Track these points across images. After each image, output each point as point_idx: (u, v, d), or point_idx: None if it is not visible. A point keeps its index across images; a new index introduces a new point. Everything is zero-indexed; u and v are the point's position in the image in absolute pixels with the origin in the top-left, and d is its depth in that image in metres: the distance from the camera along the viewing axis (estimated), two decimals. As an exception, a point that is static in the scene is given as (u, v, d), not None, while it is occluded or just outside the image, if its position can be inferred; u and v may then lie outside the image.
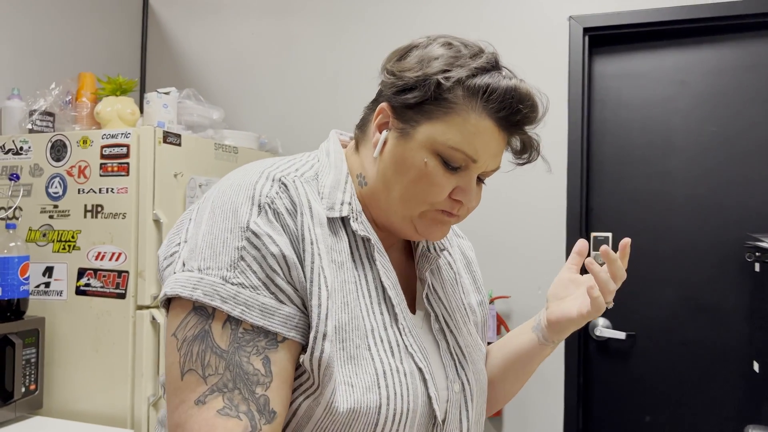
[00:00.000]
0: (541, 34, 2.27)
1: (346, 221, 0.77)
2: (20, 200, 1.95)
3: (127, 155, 1.83)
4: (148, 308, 1.83)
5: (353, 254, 0.77)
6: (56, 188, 1.92)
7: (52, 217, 1.92)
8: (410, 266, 0.89)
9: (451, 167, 0.74)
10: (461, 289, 0.94)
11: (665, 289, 2.19)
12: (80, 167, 1.89)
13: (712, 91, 2.16)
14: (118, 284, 1.83)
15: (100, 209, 1.86)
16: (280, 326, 0.68)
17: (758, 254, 2.01)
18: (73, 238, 1.89)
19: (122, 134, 1.84)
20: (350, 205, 0.77)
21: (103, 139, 1.86)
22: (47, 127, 2.02)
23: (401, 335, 0.76)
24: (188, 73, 2.78)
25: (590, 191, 2.29)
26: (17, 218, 1.95)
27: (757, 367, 2.05)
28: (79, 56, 2.48)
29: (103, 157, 1.86)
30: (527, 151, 0.79)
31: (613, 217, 2.26)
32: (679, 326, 2.17)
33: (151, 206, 1.83)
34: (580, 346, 2.21)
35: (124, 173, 1.83)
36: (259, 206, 0.70)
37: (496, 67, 0.75)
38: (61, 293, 1.90)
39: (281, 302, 0.68)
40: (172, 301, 0.70)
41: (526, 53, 2.28)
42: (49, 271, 1.92)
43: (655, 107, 2.22)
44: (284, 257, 0.68)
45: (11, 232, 1.84)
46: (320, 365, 0.68)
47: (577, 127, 2.21)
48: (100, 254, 1.85)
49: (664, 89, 2.21)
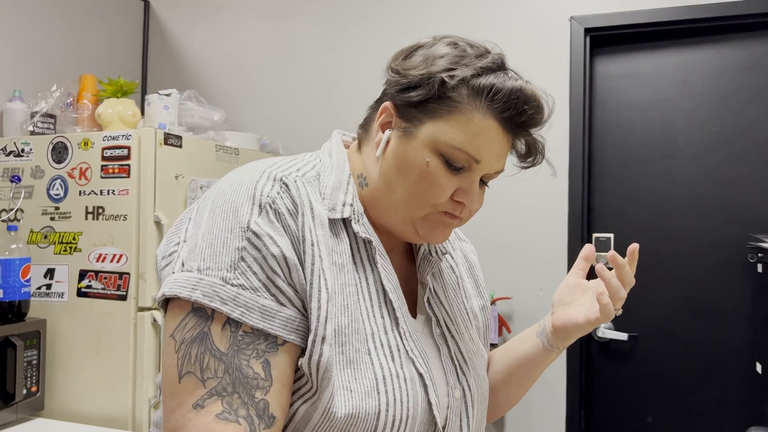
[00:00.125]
0: (542, 34, 2.27)
1: (347, 223, 0.76)
2: (21, 202, 1.95)
3: (128, 157, 1.83)
4: (149, 310, 1.82)
5: (354, 256, 0.76)
6: (57, 190, 1.92)
7: (53, 218, 1.92)
8: (411, 270, 0.87)
9: (453, 167, 0.73)
10: (463, 293, 0.92)
11: (667, 289, 2.18)
12: (81, 169, 1.89)
13: (713, 91, 2.16)
14: (119, 286, 1.83)
15: (101, 211, 1.86)
16: (280, 329, 0.66)
17: (760, 255, 2.00)
18: (74, 239, 1.89)
19: (123, 136, 1.84)
20: (352, 206, 0.76)
21: (104, 140, 1.86)
22: (48, 129, 2.02)
23: (402, 340, 0.75)
24: (189, 74, 2.78)
25: (592, 192, 2.28)
26: (18, 220, 1.95)
27: (759, 368, 2.05)
28: (80, 58, 2.49)
29: (104, 158, 1.86)
30: (532, 154, 0.78)
31: (614, 217, 2.26)
32: (681, 327, 2.17)
33: (152, 208, 1.83)
34: (581, 347, 2.21)
35: (125, 175, 1.83)
36: (260, 206, 0.69)
37: (502, 67, 0.74)
38: (62, 295, 1.90)
39: (282, 304, 0.67)
40: (170, 301, 0.69)
41: (527, 54, 2.27)
42: (50, 272, 1.92)
43: (656, 107, 2.22)
44: (285, 258, 0.67)
45: (12, 234, 1.84)
46: (319, 369, 0.67)
47: (578, 127, 2.21)
48: (101, 256, 1.85)
49: (665, 89, 2.21)
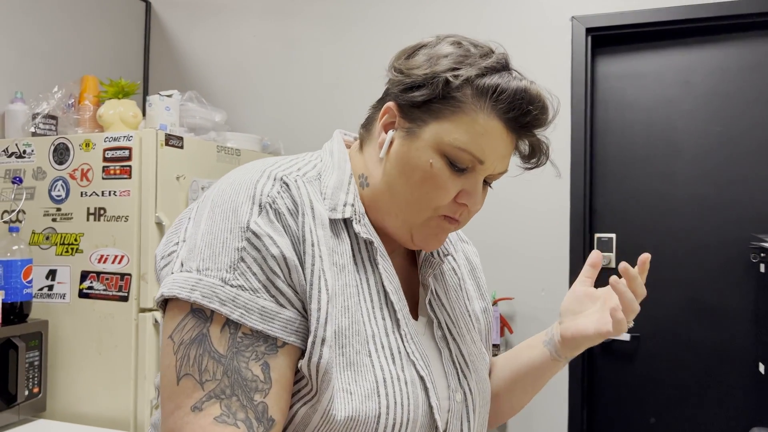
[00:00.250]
0: (543, 34, 2.26)
1: (348, 223, 0.75)
2: (23, 203, 1.95)
3: (129, 158, 1.83)
4: (150, 311, 1.83)
5: (355, 257, 0.75)
6: (59, 191, 1.92)
7: (55, 220, 1.92)
8: (413, 271, 0.86)
9: (457, 168, 0.72)
10: (465, 295, 0.91)
11: (670, 290, 2.18)
12: (83, 170, 1.89)
13: (716, 91, 2.15)
14: (120, 287, 1.83)
15: (102, 212, 1.86)
16: (280, 331, 0.66)
17: (763, 255, 1.99)
18: (75, 241, 1.89)
19: (124, 137, 1.84)
20: (353, 206, 0.75)
21: (105, 142, 1.86)
22: (50, 130, 2.03)
23: (403, 342, 0.74)
24: (191, 75, 2.78)
25: (594, 192, 2.28)
26: (20, 221, 1.95)
27: (762, 368, 2.04)
28: (82, 59, 2.49)
29: (105, 160, 1.86)
30: (536, 155, 0.77)
31: (616, 217, 2.25)
32: (683, 327, 2.16)
33: (153, 209, 1.83)
34: (584, 347, 2.20)
35: (126, 176, 1.83)
36: (260, 206, 0.68)
37: (506, 67, 0.73)
38: (64, 296, 1.90)
39: (281, 306, 0.66)
40: (169, 302, 0.68)
41: (528, 54, 2.27)
42: (52, 274, 1.92)
43: (658, 108, 2.21)
44: (285, 259, 0.67)
45: (14, 235, 1.85)
46: (318, 371, 0.66)
47: (580, 127, 2.20)
48: (102, 257, 1.85)
49: (667, 89, 2.20)
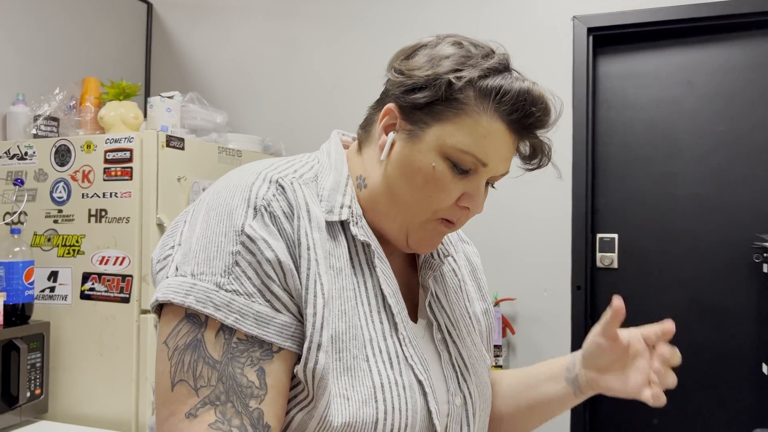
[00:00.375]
0: (544, 34, 2.26)
1: (345, 225, 0.74)
2: (25, 205, 1.96)
3: (130, 159, 1.83)
4: (152, 312, 1.83)
5: (353, 260, 0.74)
6: (60, 193, 1.92)
7: (56, 221, 1.92)
8: (412, 273, 0.85)
9: (459, 171, 0.71)
10: (466, 296, 0.90)
11: (672, 290, 2.17)
12: (84, 172, 1.89)
13: (718, 90, 2.15)
14: (122, 288, 1.83)
15: (103, 213, 1.86)
16: (275, 336, 0.65)
17: (766, 255, 1.99)
18: (77, 242, 1.89)
19: (125, 138, 1.84)
20: (350, 208, 0.74)
21: (106, 143, 1.86)
22: (51, 132, 2.03)
23: (401, 346, 0.73)
24: (192, 76, 2.78)
25: (596, 192, 2.27)
26: (22, 223, 1.96)
27: (765, 369, 2.03)
28: (84, 61, 2.49)
29: (106, 161, 1.86)
30: (537, 156, 0.76)
31: (618, 218, 2.25)
32: (686, 328, 2.15)
33: (154, 210, 1.83)
34: (586, 348, 2.19)
35: (127, 177, 1.83)
36: (254, 209, 0.67)
37: (507, 68, 0.72)
38: (65, 298, 1.90)
39: (277, 310, 0.66)
40: (164, 307, 0.67)
41: (529, 54, 2.26)
42: (53, 275, 1.92)
43: (660, 107, 2.21)
44: (280, 263, 0.66)
45: (16, 237, 1.85)
46: (314, 377, 0.65)
47: (581, 127, 2.20)
48: (104, 259, 1.86)
49: (669, 89, 2.20)
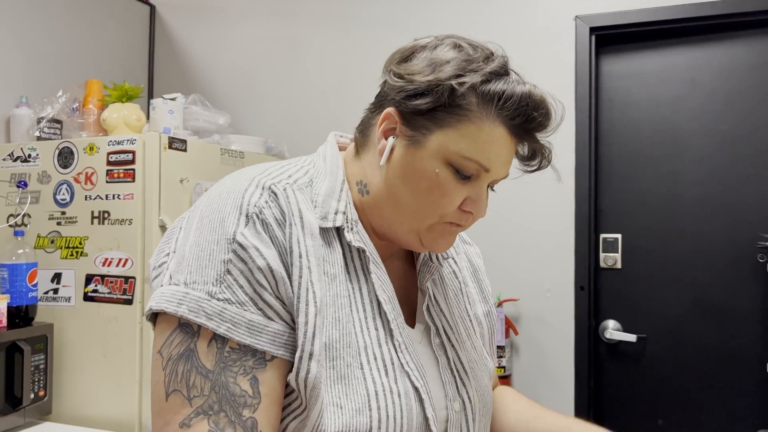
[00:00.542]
0: (547, 34, 2.25)
1: (340, 231, 0.73)
2: (28, 207, 1.96)
3: (132, 161, 1.84)
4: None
5: (348, 266, 0.73)
6: (64, 195, 1.93)
7: (59, 223, 1.93)
8: (412, 276, 0.85)
9: (462, 177, 0.71)
10: (467, 299, 0.89)
11: (676, 290, 2.16)
12: (87, 174, 1.90)
13: (722, 89, 2.13)
14: (125, 290, 1.83)
15: (106, 215, 1.87)
16: (268, 344, 0.65)
17: (771, 255, 1.97)
18: (80, 244, 1.90)
19: (128, 140, 1.85)
20: (345, 214, 0.73)
21: (109, 145, 1.87)
22: (55, 134, 2.04)
23: (397, 352, 0.72)
24: (195, 78, 2.79)
25: (599, 192, 2.26)
26: (26, 225, 1.96)
27: (770, 369, 2.02)
28: (87, 64, 2.50)
29: (109, 163, 1.87)
30: (536, 158, 0.76)
31: (622, 218, 2.24)
32: (690, 328, 2.14)
33: (157, 212, 1.84)
34: (590, 349, 2.19)
35: (130, 179, 1.84)
36: (246, 216, 0.67)
37: (507, 71, 0.72)
38: (69, 299, 1.91)
39: (269, 319, 0.65)
40: (159, 315, 0.68)
41: (532, 54, 2.26)
42: (57, 277, 1.93)
43: (664, 107, 2.20)
44: (271, 271, 0.65)
45: (20, 239, 1.86)
46: (307, 386, 0.65)
47: (584, 127, 2.19)
48: (107, 260, 1.86)
49: (673, 88, 2.19)
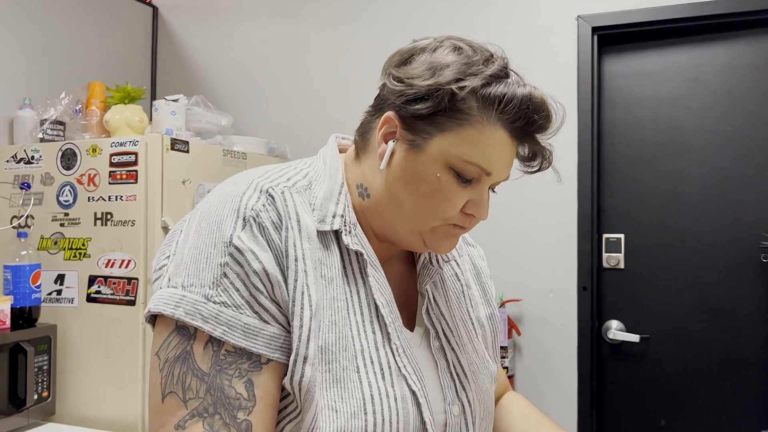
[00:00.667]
0: (548, 34, 2.25)
1: (338, 234, 0.74)
2: (31, 209, 1.97)
3: (135, 163, 1.84)
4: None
5: (346, 269, 0.73)
6: (67, 196, 1.93)
7: (63, 225, 1.94)
8: (413, 278, 0.85)
9: (464, 180, 0.71)
10: (469, 302, 0.89)
11: (679, 291, 2.15)
12: (90, 175, 1.90)
13: (725, 88, 2.13)
14: (128, 291, 1.84)
15: (109, 217, 1.87)
16: (263, 347, 0.65)
17: (774, 255, 1.97)
18: (83, 245, 1.90)
19: (130, 142, 1.85)
20: (343, 217, 0.73)
21: (111, 147, 1.87)
22: (58, 135, 2.04)
23: (394, 356, 0.72)
24: (197, 79, 2.79)
25: (602, 192, 2.26)
26: (29, 226, 1.97)
27: (774, 370, 2.01)
28: (90, 65, 2.51)
29: (112, 165, 1.87)
30: (536, 159, 0.76)
31: (625, 218, 2.23)
32: (693, 329, 2.14)
33: (159, 213, 1.84)
34: (593, 349, 2.18)
35: (132, 181, 1.84)
36: (243, 219, 0.67)
37: (507, 73, 0.71)
38: (72, 300, 1.91)
39: (265, 322, 0.66)
40: (157, 317, 0.69)
41: (533, 54, 2.26)
42: (60, 278, 1.93)
43: (667, 106, 2.19)
44: (267, 274, 0.66)
45: (23, 240, 1.86)
46: (301, 389, 0.65)
47: (587, 127, 2.18)
48: (110, 261, 1.87)
49: (676, 88, 2.18)
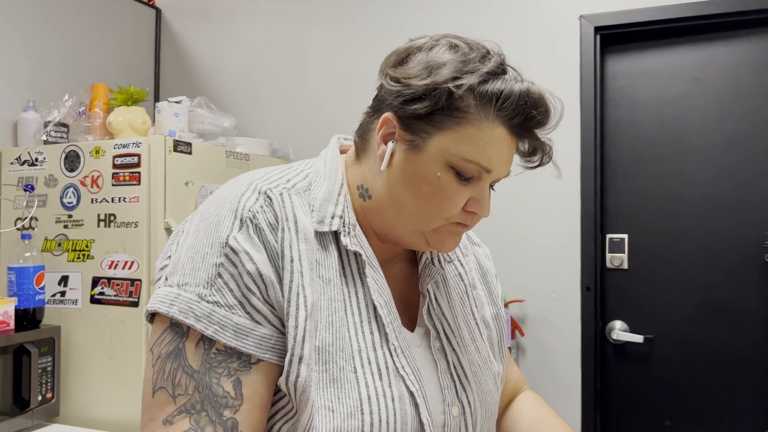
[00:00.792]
0: (551, 33, 2.24)
1: (337, 235, 0.74)
2: (35, 210, 1.98)
3: (138, 164, 1.85)
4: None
5: (344, 269, 0.73)
6: (70, 198, 1.94)
7: (66, 226, 1.94)
8: (416, 278, 0.84)
9: (464, 178, 0.71)
10: (473, 302, 0.88)
11: (683, 291, 2.15)
12: (93, 177, 1.91)
13: (728, 88, 2.12)
14: (131, 292, 1.84)
15: (112, 218, 1.88)
16: (254, 348, 0.66)
17: (778, 254, 1.96)
18: (87, 247, 1.91)
19: (133, 144, 1.86)
20: (341, 218, 0.74)
21: (114, 149, 1.88)
22: (61, 138, 2.05)
23: (392, 356, 0.72)
24: (200, 81, 2.80)
25: (605, 192, 2.25)
26: (33, 228, 1.98)
27: (779, 370, 2.00)
28: (94, 68, 2.52)
29: (115, 166, 1.88)
30: (537, 154, 0.76)
31: (628, 218, 2.22)
32: (697, 329, 2.13)
33: (162, 215, 1.85)
34: (596, 350, 2.18)
35: (135, 182, 1.85)
36: (240, 220, 0.68)
37: (504, 69, 0.71)
38: (76, 302, 1.92)
39: (257, 323, 0.66)
40: (155, 315, 0.70)
41: (536, 53, 2.25)
42: (64, 280, 1.94)
43: (669, 106, 2.18)
44: (261, 275, 0.66)
45: (27, 242, 1.87)
46: (297, 389, 0.66)
47: (589, 127, 2.18)
48: (113, 263, 1.87)
49: (678, 87, 2.17)
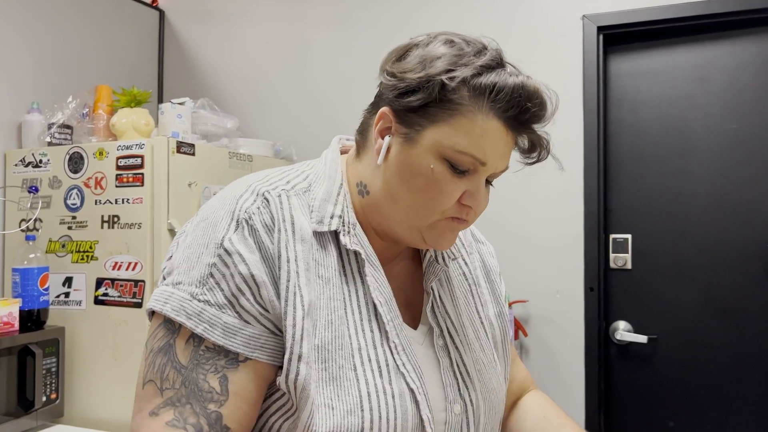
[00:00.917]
0: (554, 33, 2.24)
1: (337, 235, 0.75)
2: (39, 212, 1.99)
3: (141, 166, 1.86)
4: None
5: (344, 269, 0.74)
6: (74, 200, 1.95)
7: (70, 228, 1.95)
8: (420, 276, 0.85)
9: (458, 171, 0.71)
10: (478, 300, 0.88)
11: (687, 291, 2.14)
12: (97, 178, 1.92)
13: (732, 87, 2.11)
14: (134, 293, 1.85)
15: (116, 219, 1.89)
16: (242, 346, 0.67)
17: (783, 254, 1.95)
18: (90, 248, 1.92)
19: (137, 145, 1.86)
20: (341, 218, 0.74)
21: (118, 150, 1.89)
22: (65, 139, 2.06)
23: (392, 354, 0.73)
24: (203, 82, 2.81)
25: (608, 192, 2.25)
26: (37, 230, 1.99)
27: (784, 370, 1.99)
28: (98, 69, 2.52)
29: (118, 168, 1.89)
30: (536, 149, 0.75)
31: (632, 218, 2.22)
32: (701, 329, 2.12)
33: (165, 216, 1.85)
34: (600, 350, 2.17)
35: (138, 184, 1.86)
36: (237, 222, 0.69)
37: (500, 64, 0.71)
38: (80, 303, 1.93)
39: (246, 322, 0.68)
40: (154, 313, 0.73)
41: (539, 53, 2.25)
42: (68, 281, 1.95)
43: (673, 105, 2.18)
44: (252, 277, 0.68)
45: (31, 243, 1.88)
46: (296, 387, 0.67)
47: (593, 127, 2.18)
48: (117, 264, 1.88)
49: (682, 86, 2.17)
